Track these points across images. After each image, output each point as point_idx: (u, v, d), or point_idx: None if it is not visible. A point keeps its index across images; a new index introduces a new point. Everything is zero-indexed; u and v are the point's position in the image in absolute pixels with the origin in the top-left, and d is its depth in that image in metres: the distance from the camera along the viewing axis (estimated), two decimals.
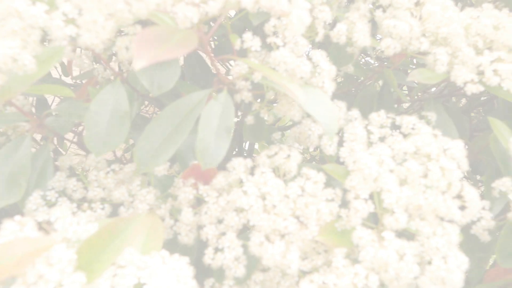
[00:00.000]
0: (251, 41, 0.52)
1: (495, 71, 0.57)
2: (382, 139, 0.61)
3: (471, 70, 0.60)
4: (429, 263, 0.47)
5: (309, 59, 0.55)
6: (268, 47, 0.54)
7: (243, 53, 0.55)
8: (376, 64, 1.04)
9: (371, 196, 0.51)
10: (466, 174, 1.02)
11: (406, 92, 1.01)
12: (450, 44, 0.61)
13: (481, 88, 0.58)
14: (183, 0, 0.37)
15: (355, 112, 0.65)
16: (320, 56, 0.56)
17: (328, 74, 0.56)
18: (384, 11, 0.62)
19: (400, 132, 0.60)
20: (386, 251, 0.46)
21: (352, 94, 0.85)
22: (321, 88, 0.56)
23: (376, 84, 0.80)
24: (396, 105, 0.81)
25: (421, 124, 0.59)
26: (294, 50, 0.55)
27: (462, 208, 0.52)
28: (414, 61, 0.91)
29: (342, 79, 0.93)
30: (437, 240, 0.47)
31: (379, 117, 0.62)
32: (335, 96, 0.59)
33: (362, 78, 0.79)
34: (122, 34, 0.61)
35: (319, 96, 0.53)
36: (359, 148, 0.58)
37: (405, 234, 0.49)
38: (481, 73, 0.59)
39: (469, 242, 0.67)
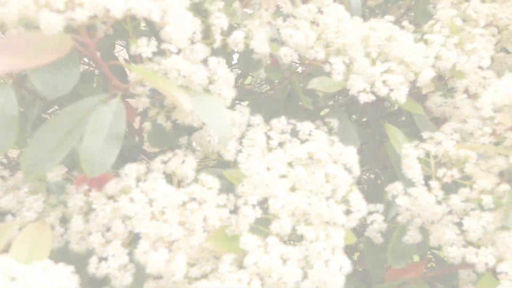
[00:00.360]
0: (145, 46, 0.52)
1: (384, 81, 0.60)
2: (281, 144, 0.62)
3: (366, 80, 0.62)
4: (311, 267, 0.49)
5: (206, 66, 0.56)
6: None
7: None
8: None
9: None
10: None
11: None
12: (348, 54, 0.64)
13: (373, 97, 0.61)
14: (48, 6, 0.36)
15: (257, 118, 0.66)
16: (217, 63, 0.57)
17: (226, 81, 0.57)
18: (284, 20, 0.64)
19: (298, 138, 0.62)
20: (269, 257, 0.47)
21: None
22: (218, 95, 0.57)
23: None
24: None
25: (317, 131, 0.61)
26: (190, 57, 0.55)
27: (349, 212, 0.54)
28: None
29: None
30: (320, 244, 0.49)
31: (280, 123, 0.64)
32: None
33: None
34: None
35: (214, 103, 0.53)
36: (257, 154, 0.59)
37: None
38: (373, 83, 0.62)
39: (370, 243, 0.70)
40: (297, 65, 1.08)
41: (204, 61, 0.57)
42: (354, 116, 1.26)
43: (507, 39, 0.70)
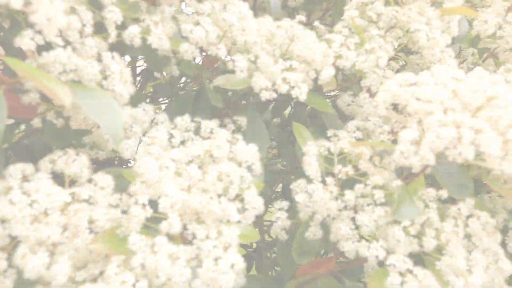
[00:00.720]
0: (28, 39, 0.49)
1: (284, 79, 0.60)
2: (184, 143, 0.61)
3: (268, 78, 0.63)
4: (200, 266, 0.48)
5: (99, 61, 0.54)
6: None
7: None
8: None
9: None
10: None
11: None
12: (253, 51, 0.64)
13: (274, 95, 0.62)
14: None
15: (162, 116, 0.64)
16: (111, 58, 0.55)
17: (120, 76, 0.55)
18: (187, 15, 0.63)
19: (200, 137, 0.61)
20: (155, 257, 0.46)
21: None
22: (112, 91, 0.55)
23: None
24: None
25: (219, 129, 0.61)
26: (82, 51, 0.53)
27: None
28: None
29: None
30: (210, 243, 0.48)
31: (183, 121, 0.63)
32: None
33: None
34: None
35: (104, 100, 0.51)
36: (157, 152, 0.58)
37: None
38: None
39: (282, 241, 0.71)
40: None
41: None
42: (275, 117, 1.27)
43: (409, 40, 0.73)
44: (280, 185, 1.26)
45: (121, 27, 0.57)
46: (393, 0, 0.74)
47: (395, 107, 0.65)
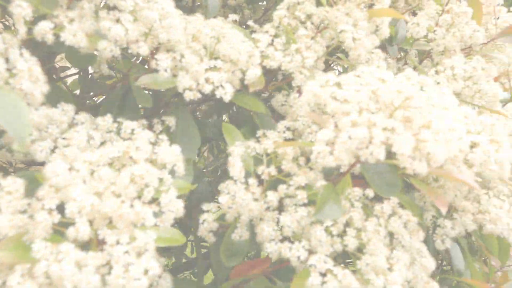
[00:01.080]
0: None
1: (207, 79, 0.59)
2: (104, 144, 0.59)
3: (194, 77, 0.61)
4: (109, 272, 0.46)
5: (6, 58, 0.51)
6: None
7: None
8: None
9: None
10: None
11: None
12: (178, 50, 0.62)
13: (199, 95, 0.60)
14: None
15: (82, 116, 0.62)
16: (19, 55, 0.52)
17: (29, 75, 0.52)
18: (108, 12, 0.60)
19: (121, 137, 0.59)
20: (59, 264, 0.44)
21: None
22: (20, 90, 0.52)
23: None
24: None
25: (140, 129, 0.59)
26: None
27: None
28: None
29: None
30: (120, 248, 0.47)
31: (104, 121, 0.61)
32: None
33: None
34: None
35: (8, 99, 0.49)
36: (73, 154, 0.56)
37: None
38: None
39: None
40: None
41: None
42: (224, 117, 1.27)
43: (338, 41, 0.73)
44: None
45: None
46: (326, 1, 0.75)
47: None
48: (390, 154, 0.52)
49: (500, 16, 1.08)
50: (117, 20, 0.59)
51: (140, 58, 0.81)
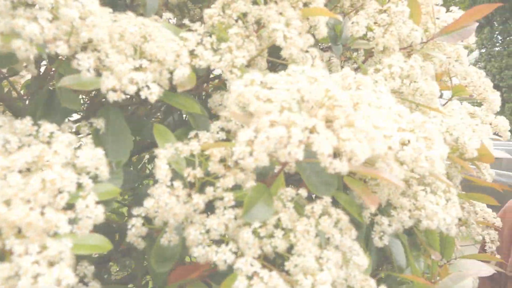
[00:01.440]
0: None
1: (130, 79, 0.57)
2: (22, 148, 0.56)
3: (118, 78, 0.59)
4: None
5: None
6: None
7: None
8: None
9: None
10: None
11: None
12: (102, 49, 0.60)
13: (123, 96, 0.58)
14: None
15: (1, 119, 0.59)
16: None
17: None
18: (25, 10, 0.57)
19: (40, 141, 0.56)
20: None
21: None
22: None
23: None
24: None
25: (60, 132, 0.56)
26: None
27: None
28: None
29: None
30: (28, 258, 0.44)
31: (23, 124, 0.58)
32: None
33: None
34: None
35: None
36: None
37: None
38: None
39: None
40: None
41: None
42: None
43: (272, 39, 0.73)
44: None
45: None
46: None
47: None
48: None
49: (439, 16, 1.11)
50: (35, 18, 0.57)
51: None
